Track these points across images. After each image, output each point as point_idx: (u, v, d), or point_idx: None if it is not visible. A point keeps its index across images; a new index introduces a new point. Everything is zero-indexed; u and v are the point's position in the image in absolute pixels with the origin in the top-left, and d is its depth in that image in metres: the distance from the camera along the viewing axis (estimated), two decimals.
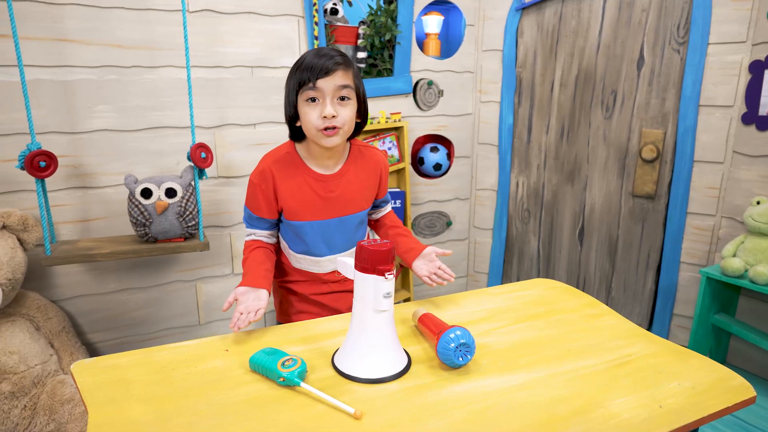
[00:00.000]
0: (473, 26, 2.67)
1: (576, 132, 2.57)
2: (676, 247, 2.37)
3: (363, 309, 0.92)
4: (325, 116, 1.09)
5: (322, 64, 1.08)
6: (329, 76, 1.09)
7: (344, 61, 1.12)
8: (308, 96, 1.11)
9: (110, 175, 2.05)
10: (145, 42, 2.00)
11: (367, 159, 1.28)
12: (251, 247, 1.27)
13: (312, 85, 1.09)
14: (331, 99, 1.10)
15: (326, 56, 1.10)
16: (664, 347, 1.06)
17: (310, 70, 1.09)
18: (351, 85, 1.12)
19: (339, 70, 1.10)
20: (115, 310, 2.18)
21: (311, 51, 1.14)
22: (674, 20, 2.24)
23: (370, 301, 0.91)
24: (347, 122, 1.13)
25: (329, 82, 1.09)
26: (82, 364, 0.93)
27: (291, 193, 1.21)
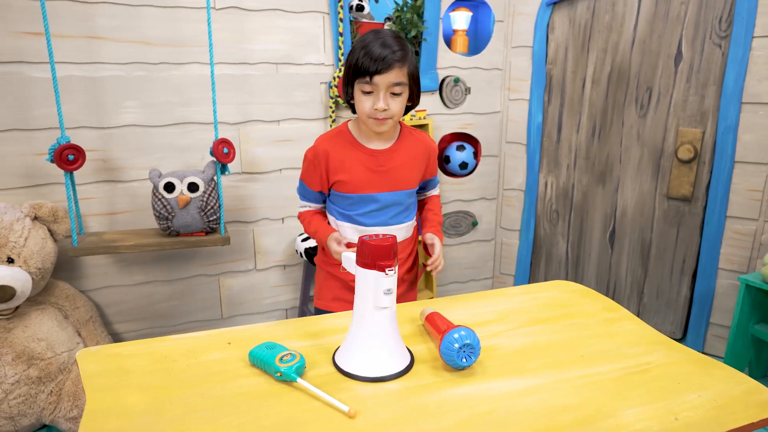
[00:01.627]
0: (502, 22, 2.61)
1: (608, 131, 2.47)
2: (713, 253, 2.25)
3: (363, 305, 0.90)
4: (377, 109, 1.18)
5: (380, 61, 1.13)
6: (385, 73, 1.15)
7: (402, 57, 1.16)
8: (365, 89, 1.18)
9: (137, 169, 2.10)
10: (172, 39, 2.04)
11: (416, 140, 1.35)
12: (310, 214, 1.38)
13: (368, 80, 1.16)
14: (385, 93, 1.17)
15: (387, 49, 1.14)
16: (686, 356, 0.99)
17: (368, 64, 1.14)
18: (404, 81, 1.18)
19: (395, 68, 1.15)
20: (140, 302, 2.23)
21: (373, 36, 1.18)
22: (716, 13, 2.12)
23: (370, 297, 0.89)
24: (397, 113, 1.21)
25: (384, 79, 1.15)
26: (88, 352, 0.95)
27: (344, 168, 1.28)
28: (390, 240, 0.88)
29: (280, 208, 2.37)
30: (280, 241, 2.41)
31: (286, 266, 2.46)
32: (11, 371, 1.68)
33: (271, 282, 2.44)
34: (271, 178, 2.32)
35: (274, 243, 2.40)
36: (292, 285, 2.49)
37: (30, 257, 1.75)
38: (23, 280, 1.70)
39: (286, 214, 2.39)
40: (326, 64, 2.31)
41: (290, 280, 2.48)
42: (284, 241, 2.42)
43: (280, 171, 2.34)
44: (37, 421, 1.77)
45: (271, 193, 2.34)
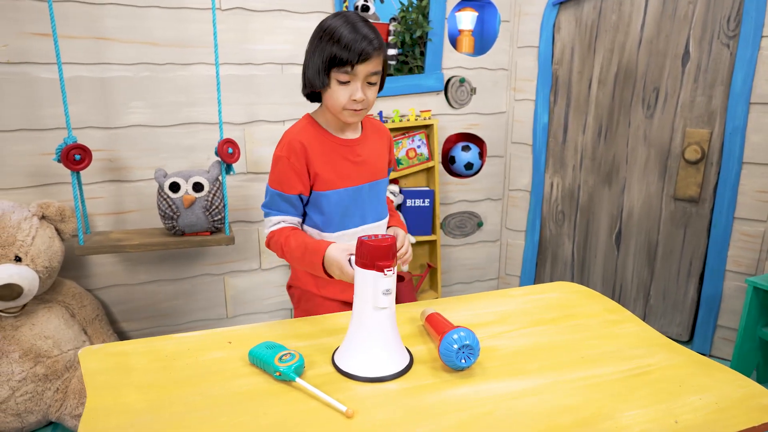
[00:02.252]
0: (508, 22, 2.61)
1: (614, 131, 2.46)
2: (721, 254, 2.23)
3: (362, 305, 0.90)
4: (355, 99, 1.12)
5: (361, 48, 1.07)
6: (366, 62, 1.09)
7: (379, 45, 1.12)
8: (342, 78, 1.10)
9: (143, 169, 2.11)
10: (178, 40, 2.05)
11: (377, 129, 1.33)
12: (286, 231, 1.18)
13: (350, 69, 1.09)
14: (362, 83, 1.12)
15: (364, 38, 1.08)
16: (688, 358, 0.98)
17: (348, 51, 1.07)
18: (380, 71, 1.14)
19: (374, 57, 1.10)
20: (145, 301, 2.24)
21: (343, 21, 1.10)
22: (724, 12, 2.10)
23: (369, 297, 0.89)
24: (371, 103, 1.17)
25: (365, 68, 1.10)
26: (90, 350, 0.96)
27: (323, 160, 1.18)
28: (389, 240, 0.88)
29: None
30: None
31: (290, 266, 2.46)
32: (18, 368, 1.70)
33: (275, 282, 2.45)
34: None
35: None
36: None
37: (37, 256, 1.77)
38: (30, 279, 1.72)
39: None
40: None
41: None
42: None
43: None
44: (44, 418, 1.78)
45: None
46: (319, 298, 1.30)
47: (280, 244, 1.18)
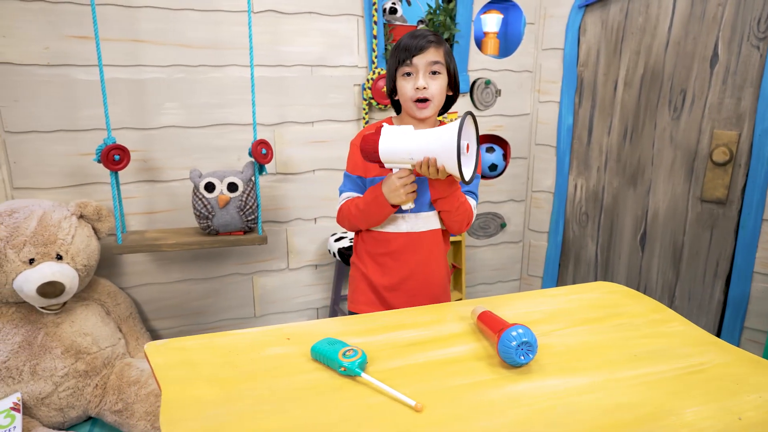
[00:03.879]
0: (533, 24, 2.62)
1: (640, 133, 2.47)
2: (749, 256, 2.23)
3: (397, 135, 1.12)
4: (418, 88, 1.24)
5: (416, 43, 1.23)
6: (422, 53, 1.23)
7: (436, 39, 1.25)
8: (404, 71, 1.26)
9: (176, 169, 2.14)
10: (211, 42, 2.08)
11: None
12: (351, 200, 1.34)
13: (409, 62, 1.24)
14: (424, 73, 1.25)
15: (420, 36, 1.25)
16: (739, 356, 1.00)
17: (406, 50, 1.24)
18: (442, 60, 1.26)
19: (431, 48, 1.24)
20: (177, 299, 2.28)
21: (407, 33, 1.28)
22: (755, 14, 2.11)
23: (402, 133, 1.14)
24: (437, 95, 1.26)
25: (422, 59, 1.24)
26: (154, 345, 0.98)
27: None
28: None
29: (313, 208, 2.41)
30: (312, 241, 2.45)
31: (317, 266, 2.49)
32: (61, 364, 1.74)
33: (303, 281, 2.48)
34: (305, 178, 2.36)
35: (306, 243, 2.44)
36: (324, 284, 2.52)
37: (77, 254, 1.80)
38: (71, 277, 1.76)
39: (319, 214, 2.43)
40: (360, 66, 2.34)
41: (322, 280, 2.51)
42: (316, 241, 2.45)
43: (313, 172, 2.37)
44: (84, 413, 1.82)
45: (305, 193, 2.38)
46: (362, 280, 1.41)
47: (348, 209, 1.33)
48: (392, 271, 1.36)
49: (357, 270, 1.44)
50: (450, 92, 1.32)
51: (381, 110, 2.40)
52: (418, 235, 1.34)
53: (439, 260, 1.41)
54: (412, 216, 1.33)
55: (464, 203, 1.30)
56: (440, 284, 1.40)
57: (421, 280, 1.36)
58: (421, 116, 1.29)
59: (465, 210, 1.30)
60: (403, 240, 1.34)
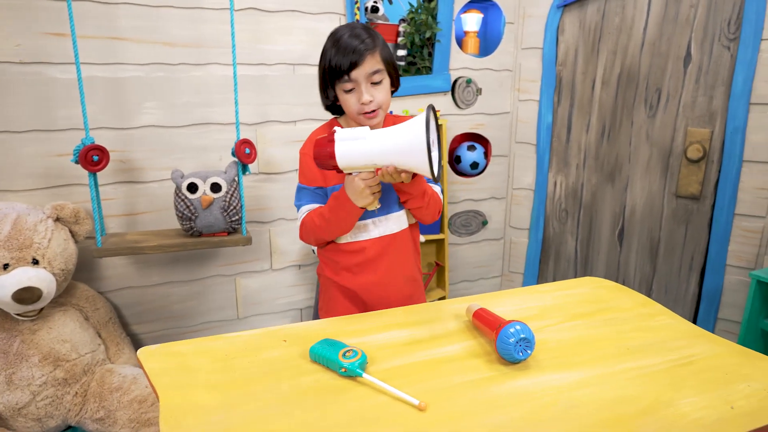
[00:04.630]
0: (513, 24, 2.65)
1: (617, 131, 2.52)
2: (722, 250, 2.30)
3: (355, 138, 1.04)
4: (363, 102, 1.17)
5: (351, 54, 1.13)
6: (360, 66, 1.14)
7: (372, 44, 1.15)
8: (345, 87, 1.18)
9: (156, 170, 2.10)
10: (192, 40, 2.04)
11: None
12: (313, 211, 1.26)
13: (347, 78, 1.15)
14: (366, 85, 1.16)
15: (356, 40, 1.14)
16: (728, 348, 1.03)
17: (341, 61, 1.14)
18: (381, 67, 1.17)
19: (367, 57, 1.14)
20: (157, 303, 2.23)
21: (337, 35, 1.17)
22: (725, 16, 2.18)
23: (356, 136, 1.04)
24: (384, 102, 1.20)
25: (360, 71, 1.15)
26: (148, 350, 0.96)
27: None
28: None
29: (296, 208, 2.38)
30: (295, 242, 2.43)
31: (301, 266, 2.47)
32: (38, 372, 1.68)
33: (286, 282, 2.45)
34: (288, 178, 2.33)
35: (289, 243, 2.42)
36: (308, 285, 2.50)
37: (54, 258, 1.74)
38: (48, 282, 1.70)
39: None
40: None
41: (305, 280, 2.49)
42: (299, 241, 2.43)
43: (296, 171, 2.34)
44: (63, 422, 1.76)
45: (288, 193, 2.35)
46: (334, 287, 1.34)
47: (312, 221, 1.25)
48: (368, 276, 1.30)
49: (329, 282, 1.35)
50: (393, 87, 1.24)
51: None
52: (392, 237, 1.28)
53: (412, 256, 1.36)
54: (382, 219, 1.27)
55: (432, 194, 1.25)
56: (414, 279, 1.37)
57: (400, 279, 1.32)
58: (370, 125, 1.18)
59: (435, 201, 1.25)
60: (378, 246, 1.27)
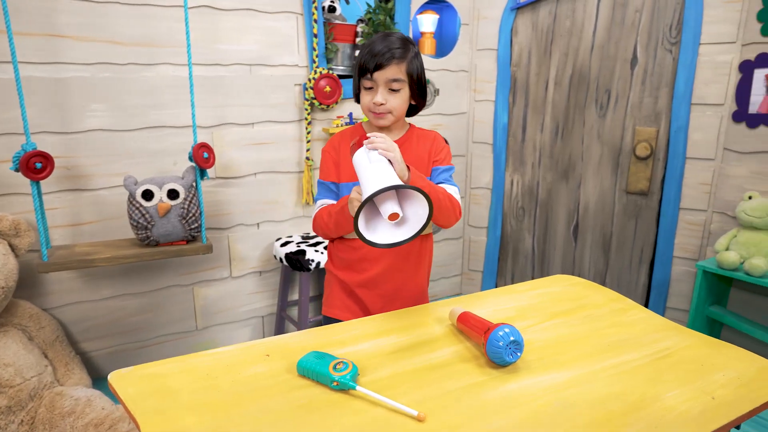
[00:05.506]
0: (468, 25, 2.69)
1: (570, 130, 2.61)
2: (669, 242, 2.43)
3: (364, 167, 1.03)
4: (375, 102, 1.23)
5: (377, 60, 1.20)
6: (383, 69, 1.21)
7: (401, 54, 1.21)
8: (365, 85, 1.25)
9: (104, 176, 1.97)
10: (141, 38, 1.93)
11: (423, 138, 1.35)
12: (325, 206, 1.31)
13: (369, 76, 1.23)
14: (384, 88, 1.23)
15: (384, 49, 1.20)
16: (698, 339, 1.08)
17: (368, 61, 1.21)
18: (402, 77, 1.23)
19: (392, 64, 1.21)
20: (109, 317, 2.10)
21: (377, 37, 1.24)
22: (666, 21, 2.29)
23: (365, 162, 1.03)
24: (396, 108, 1.25)
25: (382, 75, 1.22)
26: (120, 374, 0.89)
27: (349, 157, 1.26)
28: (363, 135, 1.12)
29: (255, 213, 2.31)
30: (255, 247, 2.35)
31: (262, 273, 2.40)
32: None
33: (247, 289, 2.38)
34: (246, 182, 2.26)
35: (249, 249, 2.34)
36: (269, 291, 2.43)
37: None
38: None
39: (262, 219, 2.34)
40: (300, 65, 2.28)
41: (267, 287, 2.42)
42: (260, 246, 2.36)
43: (255, 175, 2.28)
44: None
45: (247, 197, 2.28)
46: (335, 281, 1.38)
47: (321, 218, 1.30)
48: (366, 271, 1.33)
49: (331, 275, 1.40)
50: (413, 102, 1.29)
51: (323, 110, 2.35)
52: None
53: (417, 264, 1.36)
54: None
55: (443, 193, 1.21)
56: (418, 287, 1.38)
57: (399, 284, 1.33)
58: (377, 125, 1.28)
59: (447, 199, 1.21)
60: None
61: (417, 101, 1.30)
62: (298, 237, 2.34)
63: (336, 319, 1.37)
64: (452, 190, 1.29)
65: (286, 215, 2.40)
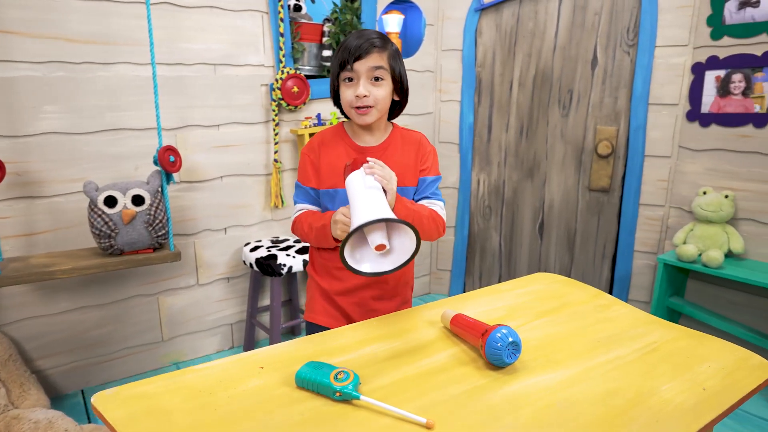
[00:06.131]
0: (433, 26, 2.70)
1: (535, 130, 2.67)
2: (630, 237, 2.53)
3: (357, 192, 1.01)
4: (358, 95, 1.16)
5: (358, 45, 1.15)
6: (364, 58, 1.15)
7: (381, 44, 1.17)
8: (345, 76, 1.19)
9: (60, 182, 1.86)
10: (97, 36, 1.83)
11: (409, 140, 1.29)
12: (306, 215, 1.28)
13: (349, 67, 1.16)
14: (366, 79, 1.17)
15: (363, 38, 1.16)
16: (681, 332, 1.12)
17: (348, 53, 1.16)
18: (385, 66, 1.18)
19: (374, 53, 1.16)
20: (67, 332, 1.98)
21: (354, 33, 1.20)
22: (624, 24, 2.38)
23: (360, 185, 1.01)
24: (380, 101, 1.19)
25: (363, 64, 1.16)
26: (104, 396, 0.83)
27: (331, 160, 1.25)
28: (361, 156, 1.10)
29: (222, 217, 2.24)
30: (223, 253, 2.28)
31: (230, 278, 2.32)
32: None
33: (214, 296, 2.30)
34: (212, 186, 2.18)
35: (216, 255, 2.26)
36: (238, 298, 2.36)
37: None
38: None
39: (229, 223, 2.27)
40: (266, 65, 2.22)
41: (236, 293, 2.35)
42: (227, 252, 2.29)
43: (221, 178, 2.20)
44: None
45: (213, 202, 2.20)
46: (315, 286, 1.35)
47: (302, 227, 1.26)
48: (345, 280, 1.30)
49: (312, 280, 1.36)
50: (396, 97, 1.24)
51: (291, 111, 2.30)
52: None
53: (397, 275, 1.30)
54: None
55: (428, 216, 1.21)
56: (399, 297, 1.34)
57: (379, 293, 1.30)
58: (361, 122, 1.21)
59: (428, 218, 1.21)
60: None
61: (399, 97, 1.24)
62: (267, 241, 2.28)
63: (319, 324, 1.33)
64: (438, 206, 1.28)
65: (254, 219, 2.34)
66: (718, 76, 2.20)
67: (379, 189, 1.03)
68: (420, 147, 1.29)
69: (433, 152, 1.32)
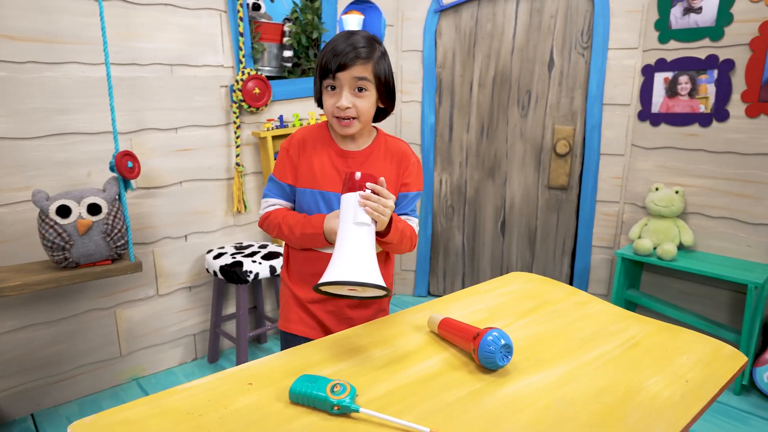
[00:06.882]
0: (393, 26, 2.69)
1: (495, 130, 2.71)
2: (588, 233, 2.62)
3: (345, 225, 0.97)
4: (338, 106, 1.12)
5: (344, 53, 1.10)
6: (348, 69, 1.11)
7: (367, 54, 1.12)
8: (328, 84, 1.14)
9: (4, 191, 1.72)
10: (42, 33, 1.71)
11: (393, 151, 1.25)
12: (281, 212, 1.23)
13: (332, 76, 1.12)
14: (349, 89, 1.13)
15: (350, 47, 1.11)
16: (656, 326, 1.16)
17: (332, 59, 1.11)
18: (369, 77, 1.13)
19: (358, 63, 1.11)
20: (14, 352, 1.84)
21: (341, 34, 1.15)
22: (579, 27, 2.46)
23: (350, 216, 0.97)
24: (363, 113, 1.15)
25: (346, 75, 1.11)
26: (83, 425, 0.77)
27: (310, 159, 1.22)
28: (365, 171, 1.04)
29: (182, 224, 2.15)
30: (184, 261, 2.18)
31: (192, 287, 2.23)
32: None
33: (176, 307, 2.20)
34: (172, 192, 2.09)
35: (177, 264, 2.17)
36: (201, 307, 2.27)
37: None
38: None
39: (190, 230, 2.18)
40: (226, 66, 2.14)
41: (198, 302, 2.26)
42: (189, 260, 2.20)
43: (180, 184, 2.11)
44: None
45: (172, 209, 2.10)
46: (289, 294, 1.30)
47: (278, 221, 1.22)
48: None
49: (286, 287, 1.31)
50: (381, 104, 1.19)
51: (252, 113, 2.24)
52: None
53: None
54: None
55: (404, 231, 1.18)
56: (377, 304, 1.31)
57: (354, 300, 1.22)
58: (343, 133, 1.17)
59: (408, 237, 1.20)
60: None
61: (385, 104, 1.19)
62: (231, 248, 2.20)
63: (294, 334, 1.29)
64: (414, 223, 1.26)
65: (216, 225, 2.25)
66: (666, 78, 2.31)
67: (369, 225, 0.99)
68: (404, 159, 1.25)
69: (417, 165, 1.28)
